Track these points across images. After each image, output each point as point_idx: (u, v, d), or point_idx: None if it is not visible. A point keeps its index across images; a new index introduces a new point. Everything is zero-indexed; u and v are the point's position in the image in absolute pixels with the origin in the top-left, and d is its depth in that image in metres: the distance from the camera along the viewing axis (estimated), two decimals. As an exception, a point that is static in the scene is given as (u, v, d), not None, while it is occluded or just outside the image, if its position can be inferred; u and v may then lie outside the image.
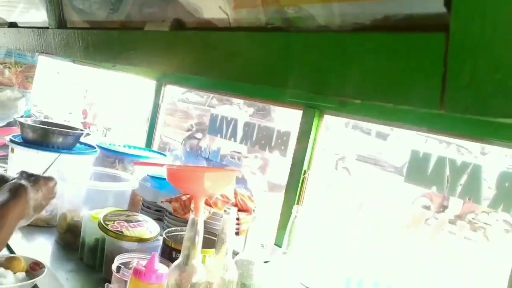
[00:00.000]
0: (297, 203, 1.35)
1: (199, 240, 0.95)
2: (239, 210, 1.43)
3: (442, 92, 0.47)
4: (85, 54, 1.23)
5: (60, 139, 1.53)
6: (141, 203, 1.66)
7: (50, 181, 1.01)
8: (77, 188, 1.47)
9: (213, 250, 0.97)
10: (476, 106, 0.45)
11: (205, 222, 1.41)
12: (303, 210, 1.05)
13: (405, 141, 4.24)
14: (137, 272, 0.87)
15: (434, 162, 1.20)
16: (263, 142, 1.53)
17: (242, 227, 1.39)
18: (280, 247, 1.11)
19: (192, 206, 1.36)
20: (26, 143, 1.60)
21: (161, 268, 0.89)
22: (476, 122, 0.98)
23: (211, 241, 1.21)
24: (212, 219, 1.40)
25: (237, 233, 1.38)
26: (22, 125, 1.64)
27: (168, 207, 1.49)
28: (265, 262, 1.12)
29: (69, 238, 1.40)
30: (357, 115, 1.34)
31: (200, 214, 0.95)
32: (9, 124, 2.47)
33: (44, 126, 1.61)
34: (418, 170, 1.23)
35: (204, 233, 1.29)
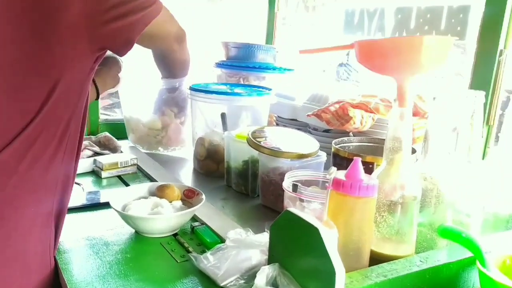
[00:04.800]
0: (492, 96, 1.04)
1: (409, 138, 0.71)
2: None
3: None
4: None
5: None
6: (274, 122, 1.46)
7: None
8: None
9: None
10: None
11: (368, 132, 1.17)
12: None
13: None
14: (339, 185, 0.65)
15: None
16: (426, 27, 1.20)
17: (415, 133, 1.12)
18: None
19: (351, 113, 1.11)
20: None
21: (366, 177, 0.66)
22: None
23: (378, 149, 0.98)
24: (376, 128, 1.15)
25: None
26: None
27: (314, 121, 1.26)
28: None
29: (210, 165, 1.24)
30: None
31: (409, 103, 0.69)
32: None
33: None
34: None
35: (368, 141, 1.06)
